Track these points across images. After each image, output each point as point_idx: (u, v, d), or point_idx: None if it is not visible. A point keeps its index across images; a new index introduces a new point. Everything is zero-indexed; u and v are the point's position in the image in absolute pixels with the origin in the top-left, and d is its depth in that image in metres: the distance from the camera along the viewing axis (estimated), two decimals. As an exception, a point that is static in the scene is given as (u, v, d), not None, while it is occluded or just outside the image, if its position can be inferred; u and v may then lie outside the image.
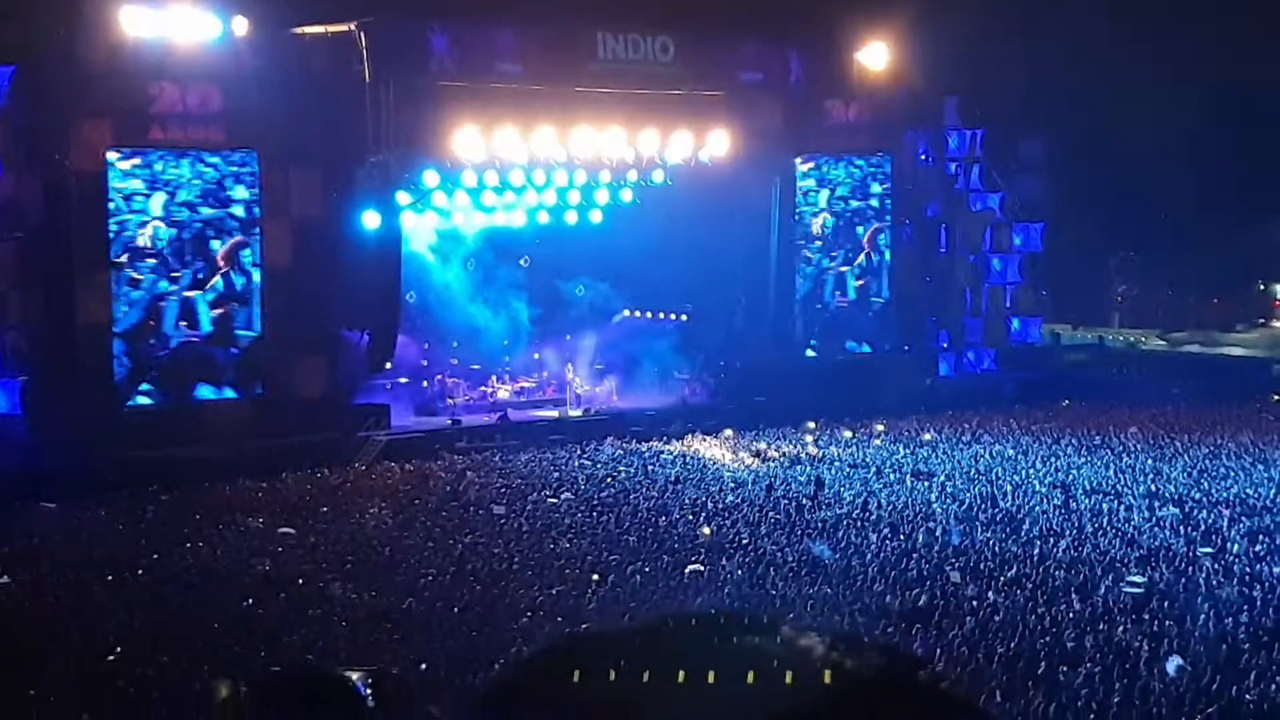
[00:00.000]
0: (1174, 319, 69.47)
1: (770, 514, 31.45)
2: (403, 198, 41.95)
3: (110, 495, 32.91)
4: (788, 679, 1.39)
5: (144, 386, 38.65)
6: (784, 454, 39.52)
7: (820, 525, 30.25)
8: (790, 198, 49.73)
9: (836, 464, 37.93)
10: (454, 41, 41.83)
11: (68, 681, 19.90)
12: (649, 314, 50.24)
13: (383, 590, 25.07)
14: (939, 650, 21.15)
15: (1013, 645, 21.48)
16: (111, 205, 37.83)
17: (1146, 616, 23.12)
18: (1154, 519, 30.82)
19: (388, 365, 42.91)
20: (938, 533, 29.52)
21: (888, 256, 51.84)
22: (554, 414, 44.67)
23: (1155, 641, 21.71)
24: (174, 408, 38.81)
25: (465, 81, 42.00)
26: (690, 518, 31.07)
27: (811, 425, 43.94)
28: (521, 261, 49.17)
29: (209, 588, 25.31)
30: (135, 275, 38.49)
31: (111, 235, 37.91)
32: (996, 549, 28.07)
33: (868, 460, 38.45)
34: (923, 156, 53.23)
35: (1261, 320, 72.24)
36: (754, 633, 1.41)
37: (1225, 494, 33.53)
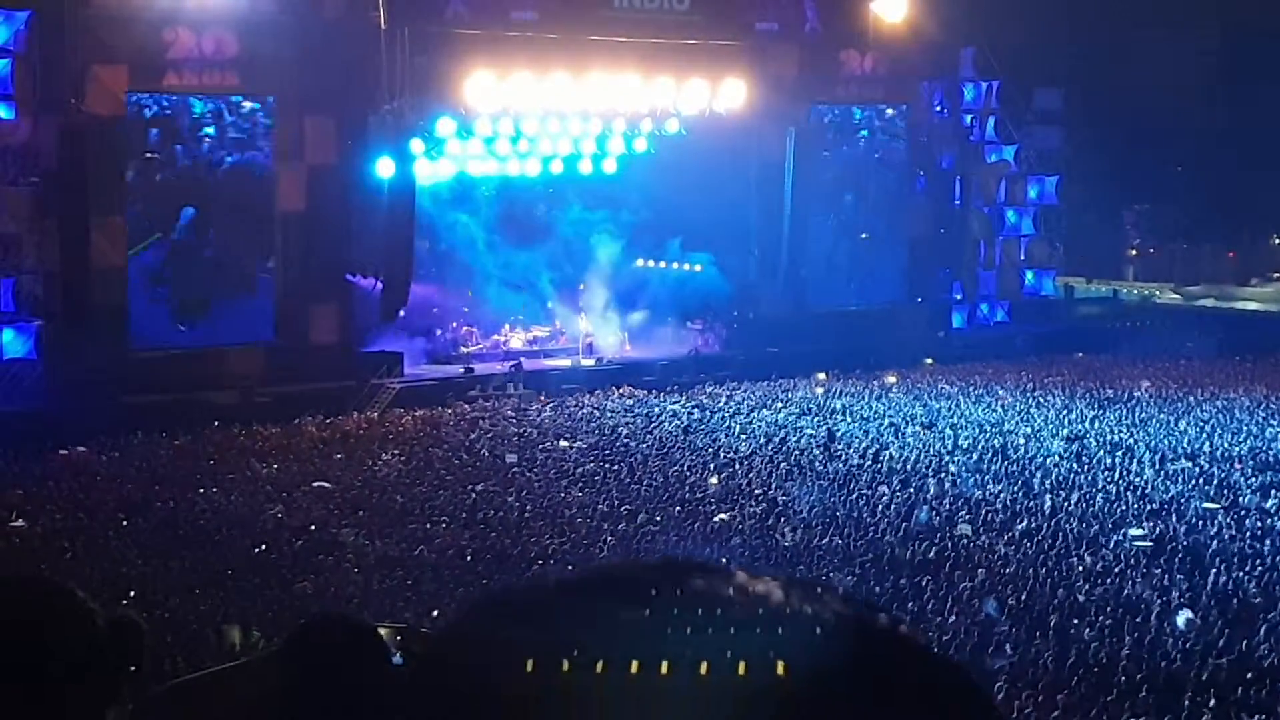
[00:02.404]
0: (1189, 273, 69.27)
1: (782, 465, 31.50)
2: (417, 145, 41.89)
3: (125, 440, 33.01)
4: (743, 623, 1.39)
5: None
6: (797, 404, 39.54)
7: (832, 476, 30.31)
8: (805, 149, 49.62)
9: (849, 415, 37.92)
10: (469, -12, 41.73)
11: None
12: (663, 264, 50.17)
13: (395, 537, 25.18)
14: (949, 601, 21.23)
15: (1023, 597, 21.54)
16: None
17: (1157, 570, 23.17)
18: (1166, 473, 30.82)
19: (401, 313, 42.92)
20: (947, 485, 29.56)
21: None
22: (566, 363, 44.67)
23: (1165, 595, 21.77)
24: (189, 353, 38.90)
25: (480, 29, 41.89)
26: (701, 468, 31.13)
27: (822, 376, 43.93)
28: (536, 210, 49.09)
29: (223, 533, 25.42)
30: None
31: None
32: (1008, 501, 28.11)
33: (880, 412, 38.43)
34: (938, 108, 53.07)
35: (1277, 274, 72.00)
36: (706, 576, 1.41)
37: (1238, 449, 33.50)
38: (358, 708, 4.00)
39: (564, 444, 33.87)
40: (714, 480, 29.84)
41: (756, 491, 28.81)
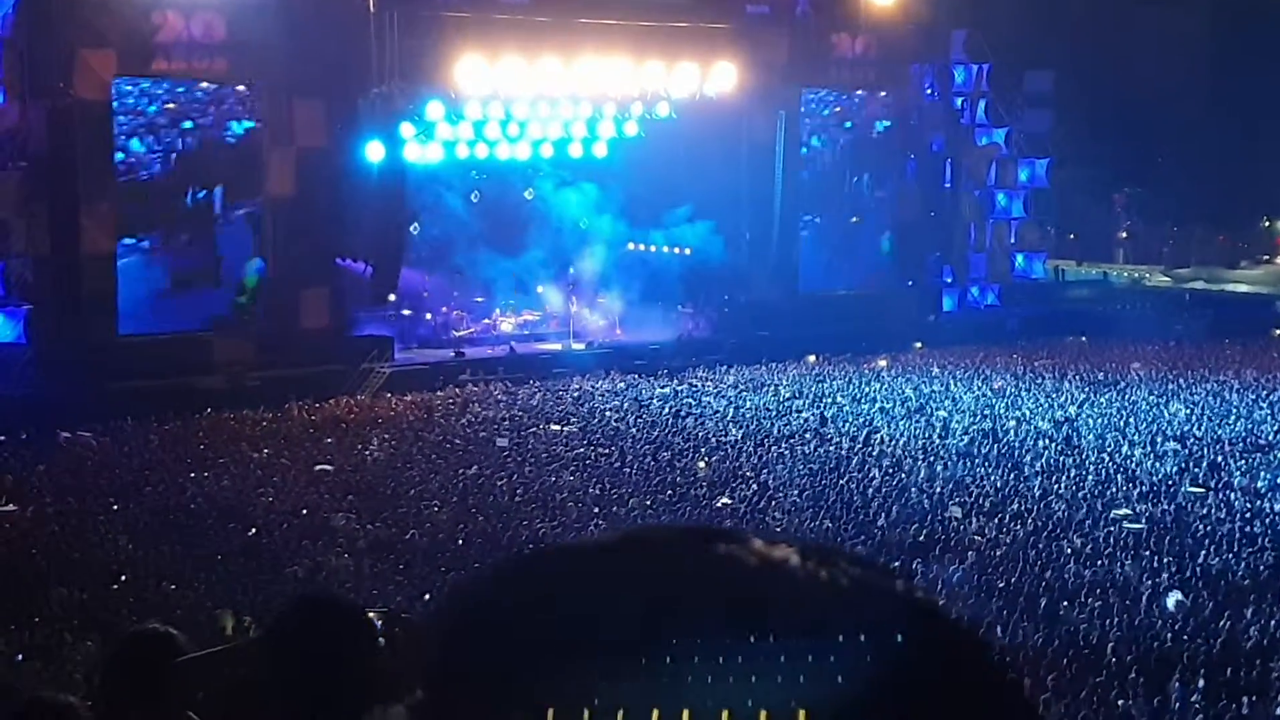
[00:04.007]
0: (1179, 255, 69.36)
1: (772, 448, 31.51)
2: (406, 129, 41.85)
3: (114, 425, 32.96)
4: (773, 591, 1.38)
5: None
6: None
7: (822, 460, 30.32)
8: (795, 132, 49.59)
9: (839, 399, 37.94)
10: (458, -28, 41.67)
11: (72, 609, 20.01)
12: (653, 248, 50.12)
13: (386, 522, 25.17)
14: (940, 584, 21.25)
15: (1013, 580, 21.57)
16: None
17: (1147, 552, 23.21)
18: (1156, 456, 30.86)
19: (391, 297, 42.90)
20: (938, 468, 29.58)
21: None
22: (557, 347, 44.66)
23: (1155, 577, 21.81)
24: (178, 337, 38.84)
25: (469, 12, 41.83)
26: (691, 451, 31.13)
27: (812, 359, 43.98)
28: (526, 194, 49.05)
29: (213, 517, 25.39)
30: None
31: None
32: (998, 484, 28.14)
33: (870, 395, 38.47)
34: (928, 91, 53.04)
35: (1266, 257, 72.13)
36: (727, 543, 1.40)
37: (1228, 431, 33.55)
38: (345, 689, 4.00)
39: (555, 428, 33.88)
40: (702, 465, 29.84)
41: (747, 475, 28.82)
